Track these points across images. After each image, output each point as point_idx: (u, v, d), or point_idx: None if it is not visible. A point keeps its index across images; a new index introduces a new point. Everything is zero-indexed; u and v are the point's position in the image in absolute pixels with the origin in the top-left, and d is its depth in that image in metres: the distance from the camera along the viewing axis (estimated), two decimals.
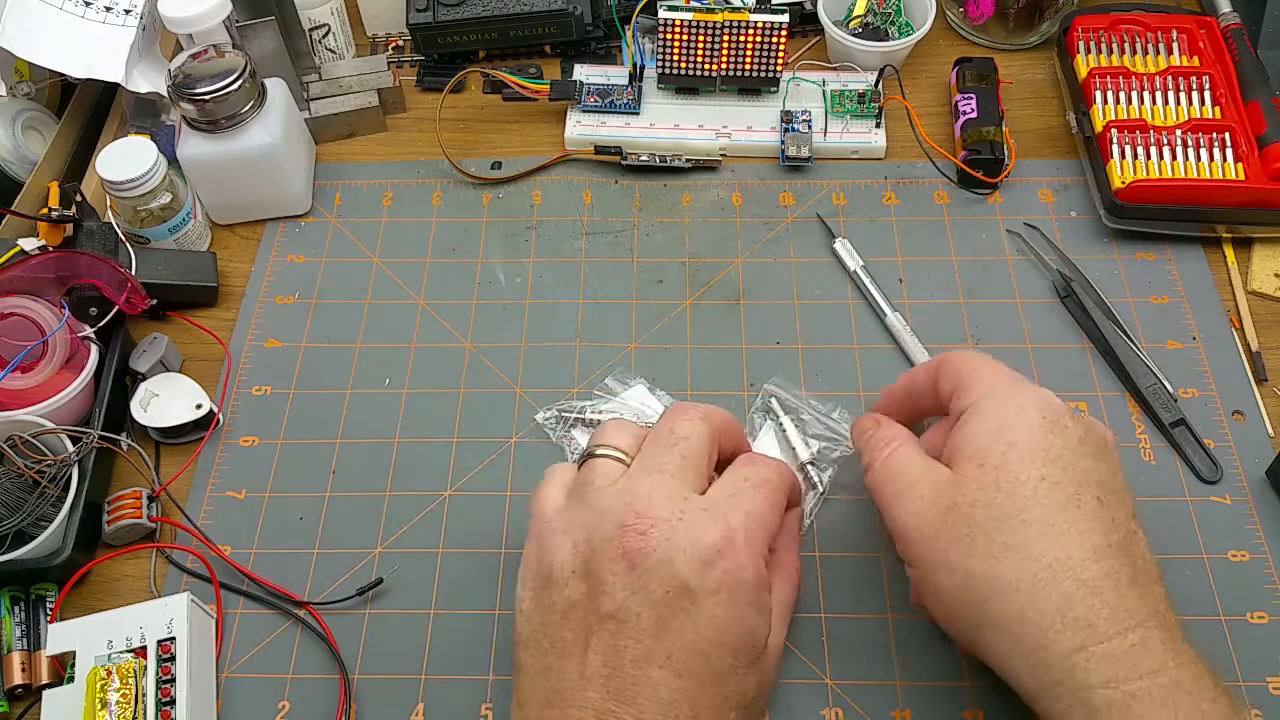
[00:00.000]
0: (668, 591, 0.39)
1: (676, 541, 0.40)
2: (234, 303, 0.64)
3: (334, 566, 0.53)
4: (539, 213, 0.68)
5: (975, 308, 0.62)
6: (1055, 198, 0.66)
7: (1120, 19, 0.69)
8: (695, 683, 0.39)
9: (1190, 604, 0.50)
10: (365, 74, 0.73)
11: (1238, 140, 0.63)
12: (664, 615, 0.39)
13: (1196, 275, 0.62)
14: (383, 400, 0.59)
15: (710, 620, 0.39)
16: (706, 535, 0.40)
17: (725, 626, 0.39)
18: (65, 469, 0.53)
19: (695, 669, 0.39)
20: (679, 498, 0.42)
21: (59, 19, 0.66)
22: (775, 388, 0.58)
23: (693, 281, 0.64)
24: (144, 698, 0.45)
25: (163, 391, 0.58)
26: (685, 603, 0.39)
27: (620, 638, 0.39)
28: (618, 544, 0.40)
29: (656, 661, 0.39)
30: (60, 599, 0.52)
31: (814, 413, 0.57)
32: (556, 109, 0.72)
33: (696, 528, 0.41)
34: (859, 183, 0.68)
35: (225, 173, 0.64)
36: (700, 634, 0.39)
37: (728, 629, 0.40)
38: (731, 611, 0.40)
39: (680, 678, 0.38)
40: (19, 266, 0.57)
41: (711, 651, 0.39)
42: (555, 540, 0.43)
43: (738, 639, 0.40)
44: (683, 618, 0.39)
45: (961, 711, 0.48)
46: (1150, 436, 0.56)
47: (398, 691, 0.50)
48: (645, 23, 0.73)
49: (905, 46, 0.71)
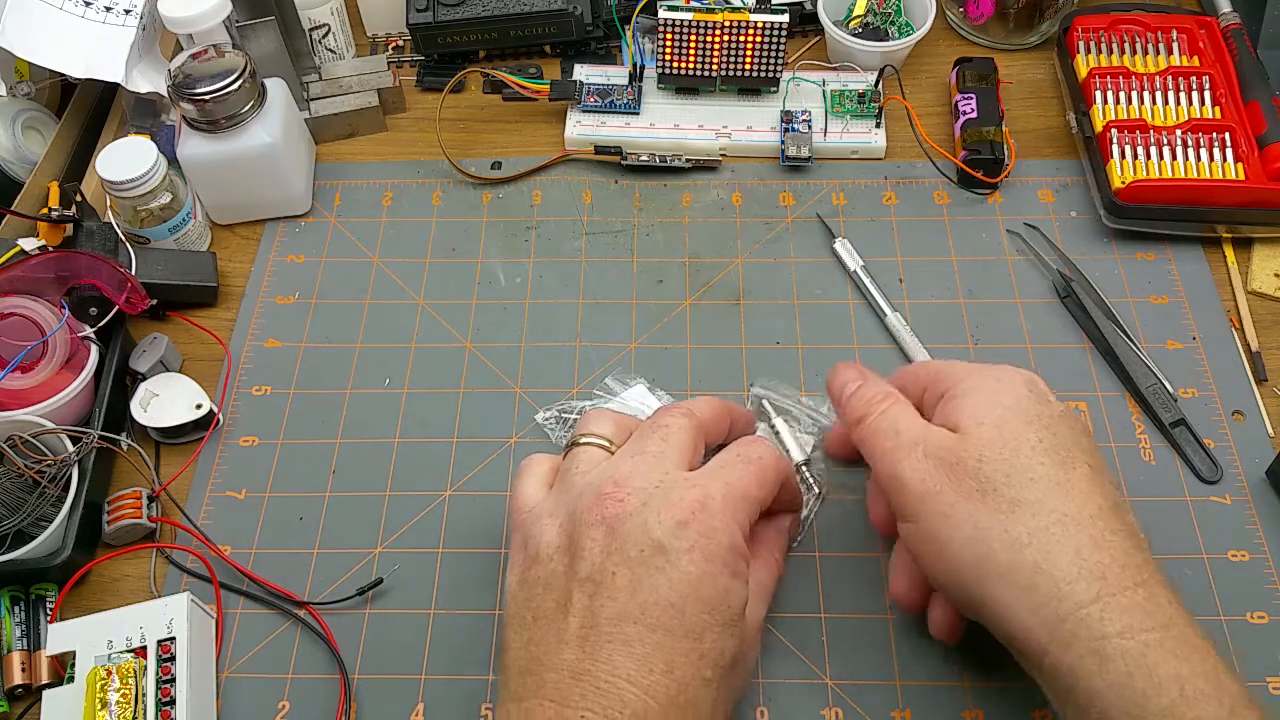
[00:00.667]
0: (642, 550, 0.40)
1: (652, 505, 0.41)
2: (234, 303, 0.64)
3: (334, 566, 0.53)
4: (539, 213, 0.68)
5: (975, 308, 0.62)
6: (1055, 198, 0.66)
7: (1120, 19, 0.69)
8: (669, 636, 0.39)
9: (1190, 604, 0.49)
10: (365, 74, 0.73)
11: (1238, 140, 0.63)
12: (638, 573, 0.40)
13: (1196, 275, 0.62)
14: (383, 400, 0.59)
15: (684, 576, 0.40)
16: (683, 499, 0.41)
17: (699, 582, 0.40)
18: (65, 469, 0.53)
19: (670, 623, 0.39)
20: (659, 471, 0.43)
21: (59, 19, 0.66)
22: (764, 389, 0.58)
23: (693, 281, 0.64)
24: (144, 698, 0.46)
25: (163, 391, 0.58)
26: (659, 560, 0.40)
27: (597, 599, 0.40)
28: (596, 512, 0.41)
29: (631, 618, 0.39)
30: (60, 599, 0.52)
31: (805, 410, 0.57)
32: (556, 109, 0.72)
33: (674, 493, 0.41)
34: (859, 183, 0.68)
35: (225, 173, 0.64)
36: (674, 589, 0.39)
37: (701, 584, 0.40)
38: (705, 569, 0.40)
39: (655, 632, 0.39)
40: (19, 266, 0.57)
41: (685, 605, 0.39)
42: (541, 524, 0.43)
43: (712, 596, 0.40)
44: (656, 574, 0.40)
45: (961, 712, 0.48)
46: (1150, 436, 0.56)
47: (398, 691, 0.50)
48: (645, 23, 0.73)
49: (905, 46, 0.71)
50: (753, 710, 0.48)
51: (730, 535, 0.41)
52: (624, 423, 0.47)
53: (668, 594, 0.39)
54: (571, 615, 0.40)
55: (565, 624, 0.40)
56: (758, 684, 0.49)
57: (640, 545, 0.40)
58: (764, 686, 0.49)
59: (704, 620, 0.40)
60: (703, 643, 0.39)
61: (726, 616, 0.40)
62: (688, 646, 0.39)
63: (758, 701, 0.48)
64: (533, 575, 0.42)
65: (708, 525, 0.41)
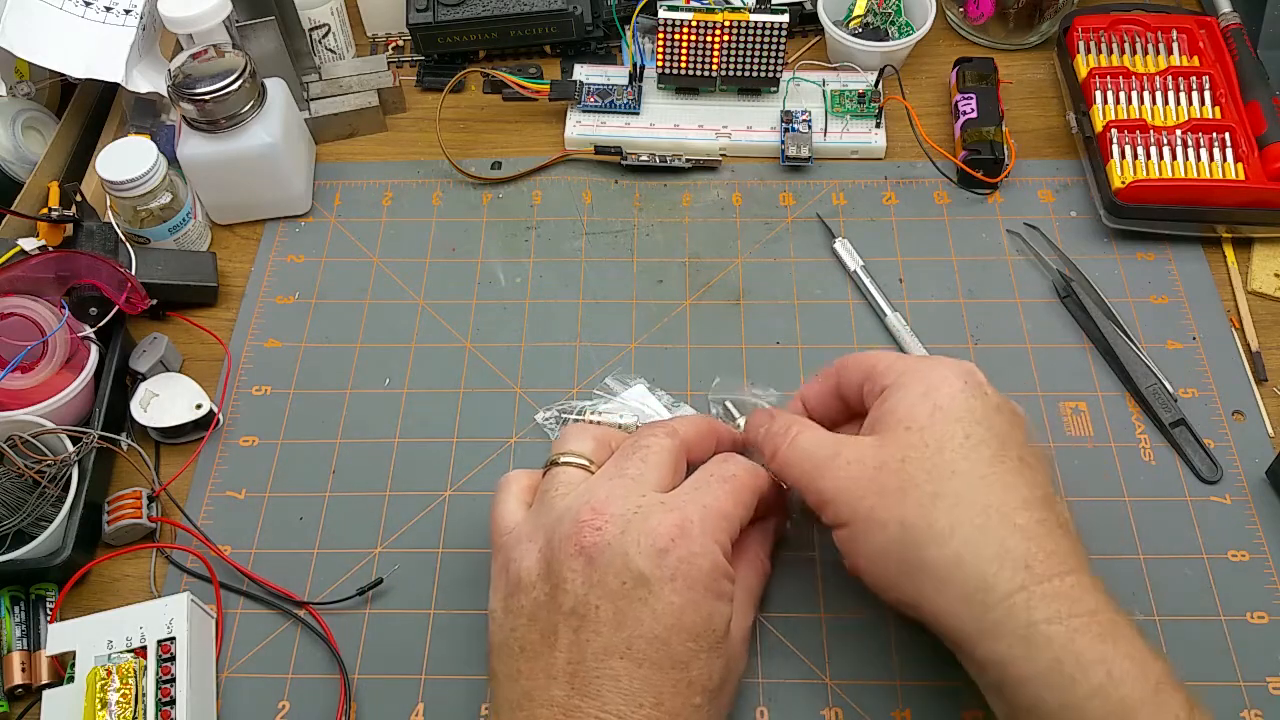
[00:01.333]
0: (624, 582, 0.40)
1: (631, 533, 0.41)
2: (234, 303, 0.64)
3: (334, 566, 0.53)
4: (539, 213, 0.68)
5: (975, 308, 0.62)
6: (1055, 198, 0.66)
7: (1120, 19, 0.69)
8: (657, 670, 0.39)
9: (1190, 604, 0.50)
10: (365, 74, 0.73)
11: (1238, 140, 0.63)
12: (621, 606, 0.40)
13: (1196, 275, 0.62)
14: (383, 400, 0.59)
15: (668, 607, 0.40)
16: (661, 525, 0.41)
17: (682, 612, 0.40)
18: (65, 469, 0.53)
19: (656, 656, 0.39)
20: (636, 495, 0.42)
21: (59, 19, 0.66)
22: (722, 392, 0.57)
23: (693, 281, 0.64)
24: (144, 698, 0.46)
25: (163, 391, 0.58)
26: (641, 592, 0.40)
27: (582, 633, 0.40)
28: (574, 540, 0.41)
29: (617, 652, 0.39)
30: (60, 599, 0.52)
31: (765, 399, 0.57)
32: (556, 109, 0.72)
33: (651, 519, 0.41)
34: (859, 183, 0.68)
35: (225, 173, 0.64)
36: (659, 621, 0.39)
37: (685, 614, 0.40)
38: (688, 598, 0.40)
39: (642, 666, 0.39)
40: (19, 266, 0.57)
41: (670, 638, 0.39)
42: (521, 549, 0.43)
43: (696, 624, 0.40)
44: (640, 606, 0.40)
45: (961, 712, 0.48)
46: (1150, 436, 0.56)
47: (398, 691, 0.50)
48: (645, 23, 0.73)
49: (905, 46, 0.71)
50: (753, 710, 0.48)
51: (711, 558, 0.41)
52: (604, 438, 0.47)
53: (651, 626, 0.39)
54: (558, 650, 0.40)
55: (553, 659, 0.40)
56: (758, 684, 0.49)
57: (621, 577, 0.40)
58: (764, 686, 0.49)
59: (689, 649, 0.40)
60: (690, 671, 0.40)
61: (712, 641, 0.41)
62: (675, 677, 0.39)
63: (758, 701, 0.48)
64: (516, 604, 0.42)
65: (688, 551, 0.41)
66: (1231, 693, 0.47)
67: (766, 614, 0.51)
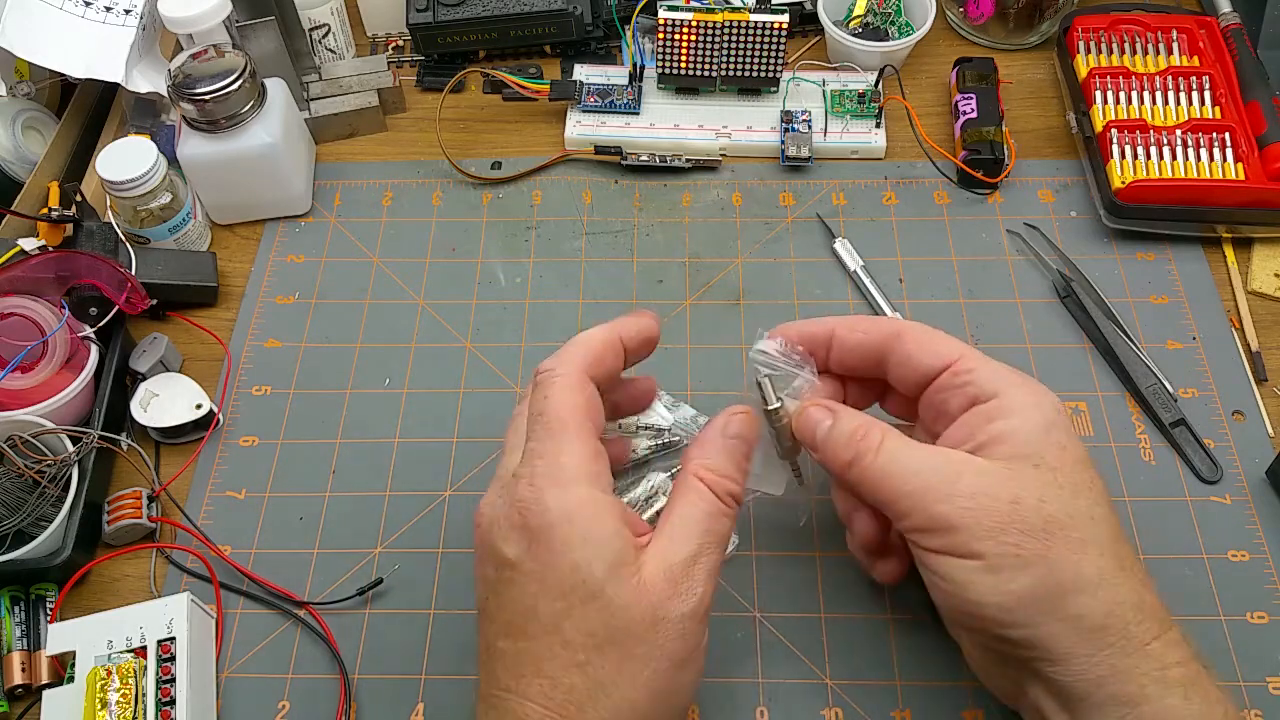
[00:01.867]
0: (499, 569, 0.40)
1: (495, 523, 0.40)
2: (234, 303, 0.64)
3: (334, 566, 0.53)
4: (539, 213, 0.68)
5: (975, 308, 0.62)
6: (1055, 198, 0.66)
7: (1120, 19, 0.69)
8: (529, 640, 0.39)
9: (1190, 604, 0.50)
10: (365, 74, 0.73)
11: (1238, 140, 0.63)
12: (500, 593, 0.40)
13: (1196, 275, 0.62)
14: (383, 400, 0.59)
15: (530, 575, 0.39)
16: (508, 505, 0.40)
17: (544, 573, 0.39)
18: (65, 469, 0.53)
19: (528, 628, 0.39)
20: (499, 483, 0.42)
21: (59, 19, 0.66)
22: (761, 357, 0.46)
23: (693, 281, 0.64)
24: (144, 698, 0.46)
25: (163, 391, 0.58)
26: (508, 573, 0.40)
27: (486, 626, 0.41)
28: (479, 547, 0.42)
29: (500, 637, 0.40)
30: (60, 599, 0.52)
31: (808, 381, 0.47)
32: (556, 109, 0.72)
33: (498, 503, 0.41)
34: (859, 183, 0.68)
35: (225, 173, 0.64)
36: (526, 592, 0.39)
37: (547, 575, 0.39)
38: (546, 558, 0.39)
39: (517, 641, 0.39)
40: (19, 266, 0.57)
41: (538, 604, 0.39)
42: None
43: (560, 580, 0.39)
44: (510, 587, 0.40)
45: (961, 712, 0.48)
46: (1150, 436, 0.56)
47: (398, 691, 0.50)
48: (645, 23, 0.73)
49: (905, 46, 0.71)
50: (753, 710, 0.48)
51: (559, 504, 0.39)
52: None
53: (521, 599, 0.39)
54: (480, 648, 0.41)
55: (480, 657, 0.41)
56: (758, 684, 0.49)
57: (495, 566, 0.40)
58: (764, 686, 0.49)
59: (559, 608, 0.39)
60: (563, 632, 0.38)
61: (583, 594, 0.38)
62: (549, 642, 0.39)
63: (758, 701, 0.48)
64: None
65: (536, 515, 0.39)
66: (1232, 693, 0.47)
67: (766, 614, 0.51)
